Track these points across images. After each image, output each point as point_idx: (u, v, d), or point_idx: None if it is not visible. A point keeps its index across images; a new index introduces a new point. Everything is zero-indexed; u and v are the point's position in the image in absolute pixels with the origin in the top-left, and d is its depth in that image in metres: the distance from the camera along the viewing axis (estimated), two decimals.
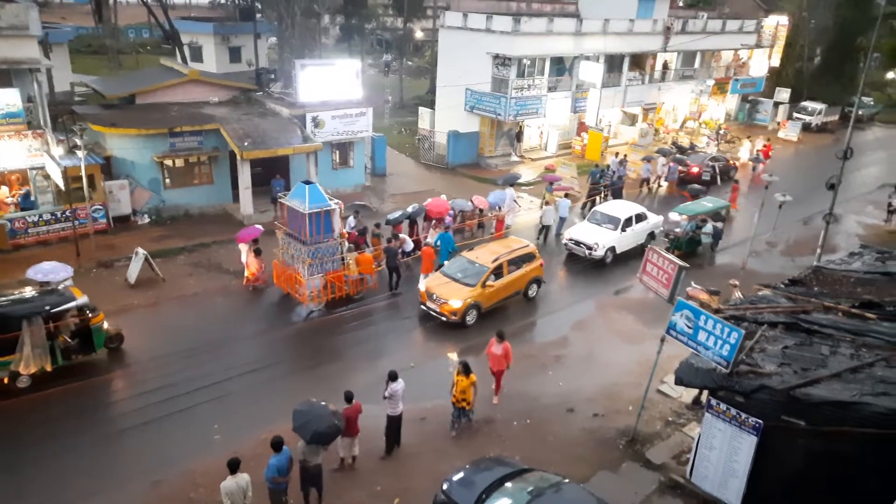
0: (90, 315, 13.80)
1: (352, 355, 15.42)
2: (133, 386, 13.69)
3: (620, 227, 20.83)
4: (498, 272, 16.97)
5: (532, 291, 18.10)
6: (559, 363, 15.23)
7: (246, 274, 18.02)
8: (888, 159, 38.17)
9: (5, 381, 12.92)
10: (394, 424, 11.70)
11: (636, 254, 20.59)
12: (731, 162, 31.51)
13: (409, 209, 20.76)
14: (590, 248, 20.35)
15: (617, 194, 25.74)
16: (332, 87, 24.31)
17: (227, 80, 27.28)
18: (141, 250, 17.71)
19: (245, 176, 21.89)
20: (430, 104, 36.24)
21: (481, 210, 22.53)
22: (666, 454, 12.14)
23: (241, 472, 9.31)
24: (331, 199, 16.68)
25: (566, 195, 24.42)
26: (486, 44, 30.56)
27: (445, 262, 18.09)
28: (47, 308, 13.01)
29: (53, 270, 14.71)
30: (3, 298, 13.21)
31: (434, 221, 20.43)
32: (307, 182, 16.59)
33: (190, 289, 17.83)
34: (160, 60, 31.53)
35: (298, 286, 16.68)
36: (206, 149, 22.55)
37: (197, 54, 40.56)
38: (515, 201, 23.71)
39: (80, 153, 18.60)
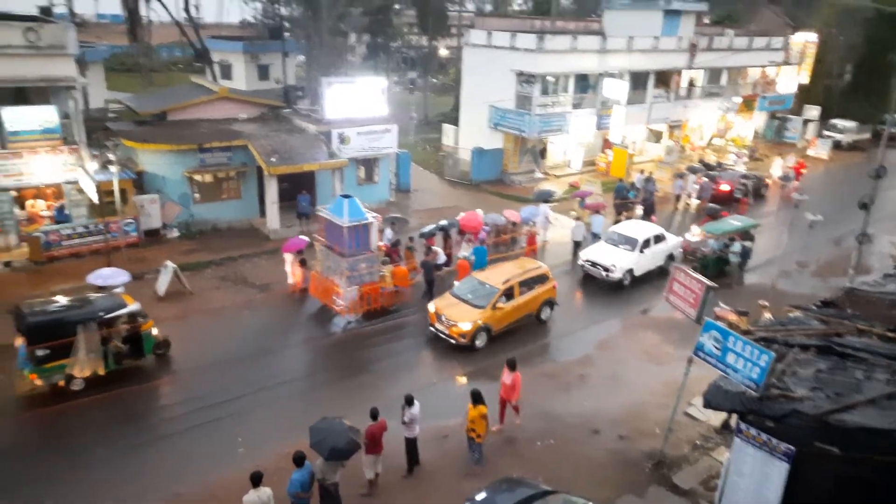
0: (141, 321, 14.33)
1: (382, 368, 15.47)
2: (162, 397, 13.86)
3: (639, 248, 20.16)
4: (509, 294, 16.51)
5: (545, 314, 17.59)
6: (583, 382, 15.04)
7: (290, 281, 18.64)
8: None
9: (60, 384, 13.37)
10: (412, 446, 11.64)
11: (655, 276, 20.40)
12: (764, 181, 31.11)
13: (442, 223, 21.11)
14: (607, 269, 19.72)
15: (649, 210, 25.58)
16: (357, 104, 24.61)
17: (256, 97, 27.78)
18: (170, 263, 18.03)
19: (272, 191, 22.19)
20: (455, 121, 36.45)
21: (514, 224, 22.60)
22: (693, 479, 11.87)
23: (264, 485, 9.34)
24: (368, 213, 16.97)
25: (598, 212, 23.78)
26: (510, 61, 30.71)
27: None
28: (101, 314, 13.56)
29: (112, 276, 15.76)
30: (60, 304, 13.71)
31: (468, 235, 20.63)
32: (346, 196, 16.88)
33: (217, 302, 18.08)
34: (191, 78, 32.27)
35: (336, 297, 16.92)
36: (234, 164, 22.95)
37: (227, 72, 41.40)
38: (548, 218, 23.48)
39: (113, 168, 19.08)
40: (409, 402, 11.40)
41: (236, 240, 22.22)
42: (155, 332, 14.71)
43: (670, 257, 21.30)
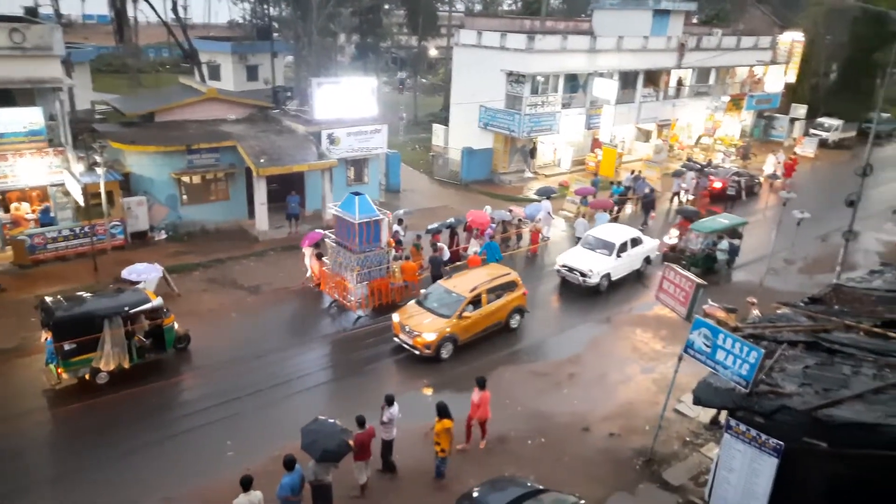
0: (163, 316, 14.58)
1: (381, 368, 15.45)
2: (147, 402, 13.73)
3: (616, 252, 19.70)
4: (477, 302, 15.88)
5: (514, 322, 16.97)
6: (573, 381, 15.05)
7: (308, 274, 18.82)
8: None
9: (86, 377, 13.57)
10: (387, 448, 11.54)
11: (632, 279, 20.41)
12: (757, 178, 31.41)
13: (449, 220, 21.38)
14: (584, 274, 19.15)
15: (648, 207, 25.86)
16: (347, 104, 24.54)
17: (245, 98, 27.64)
18: (158, 266, 17.87)
19: (261, 192, 22.08)
20: (444, 121, 36.42)
21: (520, 220, 23.01)
22: (684, 475, 11.92)
23: (254, 489, 9.28)
24: (379, 210, 17.19)
25: (604, 210, 24.18)
26: (500, 61, 30.74)
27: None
28: (126, 308, 13.76)
29: (146, 270, 16.18)
30: (86, 299, 14.00)
31: (476, 231, 20.84)
32: (357, 193, 17.01)
33: (206, 304, 17.93)
34: (179, 79, 32.07)
35: (346, 293, 17.03)
36: (222, 166, 22.81)
37: (215, 73, 41.16)
38: (550, 214, 23.83)
39: (99, 170, 18.89)
40: (388, 402, 11.34)
41: (225, 242, 22.08)
42: (176, 326, 15.02)
43: (647, 261, 21.08)
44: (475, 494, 9.81)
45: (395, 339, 15.87)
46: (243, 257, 21.02)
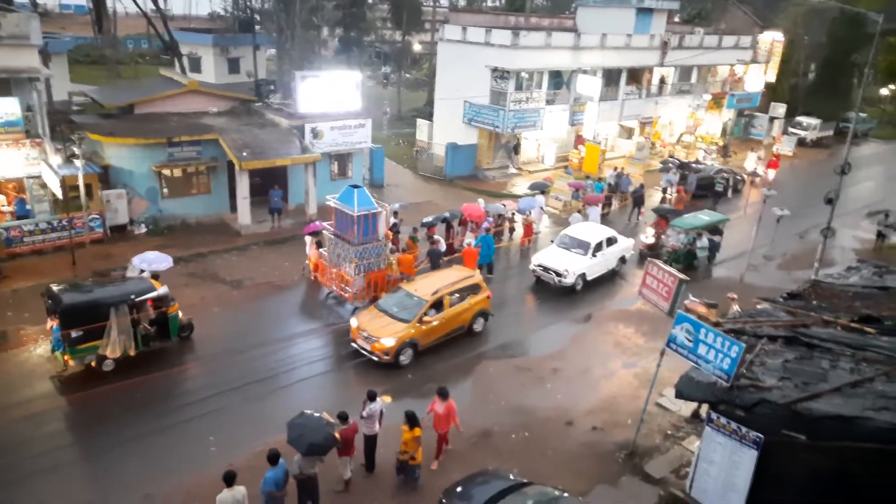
0: (168, 305, 14.70)
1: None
2: (127, 398, 13.56)
3: (591, 252, 19.53)
4: (438, 305, 15.42)
5: (478, 326, 16.54)
6: (556, 376, 15.14)
7: (307, 262, 19.08)
8: (883, 174, 38.44)
9: (93, 364, 13.63)
10: (370, 444, 11.50)
11: (607, 279, 20.43)
12: (742, 176, 31.98)
13: (445, 213, 21.54)
14: (559, 274, 18.95)
15: (638, 202, 26.32)
16: (331, 98, 24.37)
17: (227, 90, 27.31)
18: (168, 256, 17.56)
19: (243, 186, 21.86)
20: (429, 116, 36.37)
21: (513, 214, 23.35)
22: (665, 468, 12.06)
23: (238, 484, 9.21)
24: (377, 203, 17.29)
25: (595, 204, 24.57)
26: (484, 57, 30.73)
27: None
28: (132, 297, 13.86)
29: (157, 260, 16.05)
30: (93, 287, 14.18)
31: (472, 225, 21.10)
32: (355, 186, 17.11)
33: (187, 299, 17.65)
34: (159, 71, 31.60)
35: (344, 284, 17.14)
36: (204, 159, 22.54)
37: (196, 65, 40.64)
38: (542, 208, 24.09)
39: (77, 162, 18.56)
40: (370, 397, 11.28)
41: (206, 235, 21.83)
42: (180, 315, 15.09)
43: (622, 260, 21.02)
44: (459, 489, 9.84)
45: (353, 344, 15.26)
46: (225, 251, 20.81)
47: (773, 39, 43.97)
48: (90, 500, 10.82)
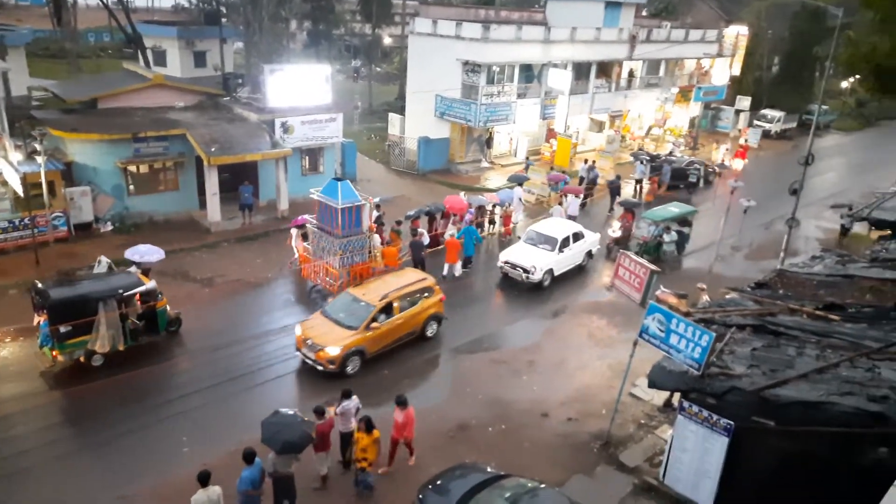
0: (156, 299, 14.75)
1: None
2: (103, 399, 13.26)
3: (558, 247, 19.55)
4: (387, 311, 14.80)
5: (430, 330, 15.98)
6: (532, 368, 15.26)
7: (295, 256, 19.08)
8: (845, 165, 39.53)
9: (81, 359, 13.60)
10: (346, 441, 11.42)
11: (574, 273, 20.50)
12: (714, 167, 32.78)
13: (428, 206, 21.71)
14: (527, 270, 18.91)
15: (615, 193, 26.77)
16: (301, 92, 24.06)
17: (193, 84, 26.77)
18: (104, 258, 17.14)
19: (212, 182, 21.48)
20: (400, 110, 36.16)
21: (494, 205, 23.52)
22: (639, 457, 12.26)
23: (212, 484, 9.09)
24: (361, 195, 17.41)
25: (575, 195, 25.06)
26: (456, 50, 30.66)
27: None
28: (121, 291, 13.85)
29: (149, 252, 16.09)
30: (81, 282, 14.23)
31: (453, 217, 21.31)
32: (339, 179, 17.37)
33: None
34: (122, 65, 30.77)
35: (328, 277, 17.23)
36: (171, 154, 22.07)
37: (160, 59, 39.69)
38: (521, 200, 24.36)
39: (39, 159, 18.03)
40: (345, 395, 11.23)
41: (175, 233, 21.40)
42: (168, 309, 15.08)
43: (589, 255, 21.10)
44: (437, 483, 9.88)
45: (298, 352, 14.57)
46: (195, 249, 20.44)
47: (737, 33, 44.77)
48: (61, 501, 10.57)
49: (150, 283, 14.62)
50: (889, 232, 19.82)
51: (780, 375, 9.86)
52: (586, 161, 30.58)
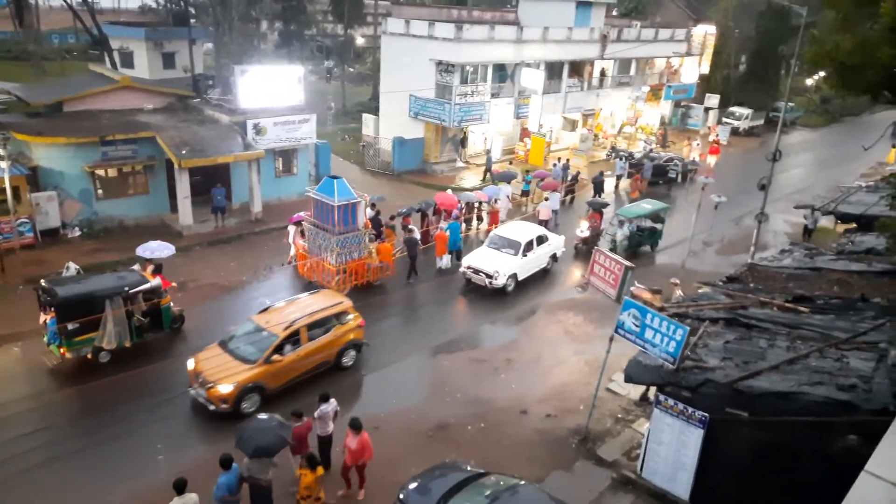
0: (160, 297, 14.94)
1: None
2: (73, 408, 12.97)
3: (521, 251, 19.03)
4: (294, 340, 13.29)
5: (348, 359, 14.45)
6: (510, 366, 15.32)
7: (292, 252, 19.41)
8: (811, 161, 40.46)
9: (89, 356, 13.84)
10: (324, 445, 11.34)
11: (538, 278, 20.02)
12: (691, 165, 33.57)
13: (420, 203, 22.08)
14: (490, 276, 18.41)
15: (598, 188, 27.33)
16: (273, 93, 23.83)
17: (162, 86, 26.31)
18: (72, 265, 16.78)
19: (184, 185, 21.14)
20: (374, 111, 36.04)
21: (481, 203, 23.98)
22: (617, 451, 12.39)
23: (189, 492, 8.95)
24: (357, 193, 17.80)
25: (554, 190, 25.44)
26: (429, 50, 30.66)
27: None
28: (126, 289, 14.06)
29: (159, 248, 16.42)
30: (87, 280, 14.49)
31: (444, 213, 21.80)
32: (334, 177, 17.71)
33: None
34: (88, 67, 30.13)
35: (325, 274, 17.65)
36: (141, 158, 21.67)
37: (128, 60, 38.94)
38: (508, 197, 24.90)
39: (3, 164, 17.57)
40: (323, 398, 11.11)
41: (146, 237, 20.64)
42: (172, 306, 15.36)
43: (553, 258, 20.65)
44: (417, 483, 9.85)
45: (190, 391, 12.95)
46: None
47: (706, 32, 45.57)
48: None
49: (154, 281, 14.76)
50: (854, 225, 20.35)
51: (752, 367, 10.05)
52: (559, 160, 30.84)
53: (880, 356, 9.93)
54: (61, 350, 13.47)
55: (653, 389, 12.12)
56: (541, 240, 20.02)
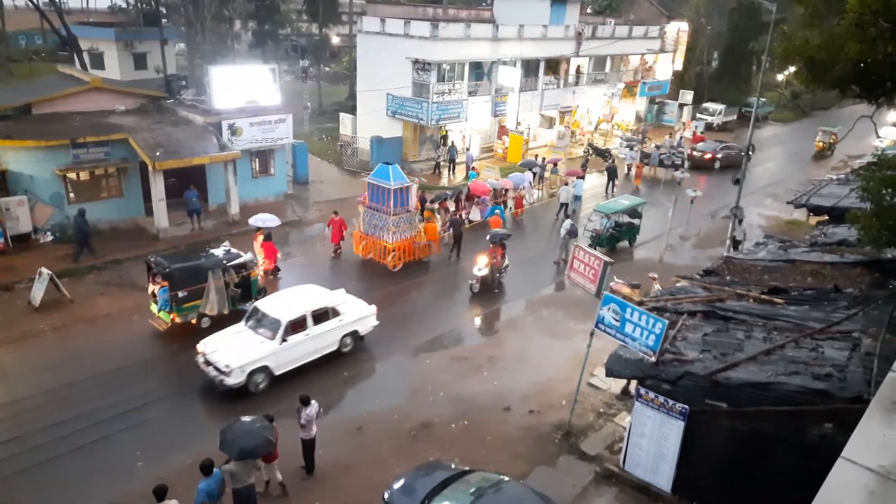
0: (250, 270, 16.43)
1: None
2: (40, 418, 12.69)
3: (281, 334, 13.53)
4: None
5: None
6: (492, 363, 15.36)
7: (327, 232, 20.97)
8: (783, 155, 41.13)
9: (193, 322, 15.42)
10: (308, 447, 11.25)
11: (327, 362, 14.64)
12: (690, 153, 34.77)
13: (447, 192, 24.05)
14: (221, 371, 12.96)
15: (612, 175, 28.87)
16: (248, 93, 23.57)
17: (134, 87, 25.89)
18: (45, 270, 16.49)
19: (158, 188, 20.82)
20: (351, 110, 35.85)
21: (506, 190, 25.39)
22: (600, 445, 12.49)
23: (169, 499, 8.82)
24: (410, 178, 19.95)
25: (579, 177, 26.63)
26: (405, 49, 30.58)
27: None
28: (225, 262, 15.79)
29: (269, 219, 19.08)
30: (190, 254, 16.35)
31: (476, 199, 23.69)
32: (388, 163, 19.59)
33: (102, 309, 16.76)
34: (57, 68, 29.54)
35: (380, 252, 19.79)
36: (113, 160, 21.29)
37: (98, 61, 38.29)
38: (531, 184, 26.61)
39: None
40: (304, 402, 10.97)
41: (121, 241, 20.65)
42: (260, 279, 17.01)
43: (356, 337, 15.21)
44: (402, 482, 9.83)
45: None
46: (142, 257, 19.66)
47: (678, 29, 46.11)
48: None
49: (246, 255, 16.40)
50: (826, 217, 20.74)
51: (730, 359, 10.20)
52: (536, 156, 30.99)
53: (854, 345, 10.15)
54: (172, 315, 15.12)
55: (633, 383, 12.24)
56: (325, 314, 14.43)
